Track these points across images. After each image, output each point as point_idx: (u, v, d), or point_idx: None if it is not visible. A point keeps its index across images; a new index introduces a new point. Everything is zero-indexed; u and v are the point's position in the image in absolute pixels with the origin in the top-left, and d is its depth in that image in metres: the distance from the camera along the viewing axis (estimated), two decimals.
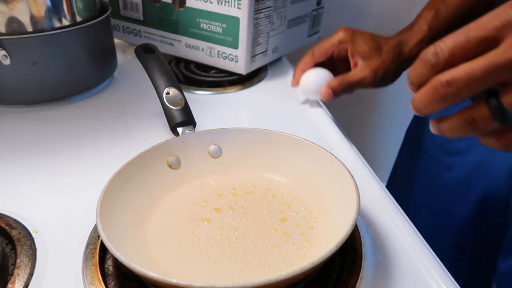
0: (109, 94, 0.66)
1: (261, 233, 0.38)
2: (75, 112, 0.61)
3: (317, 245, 0.37)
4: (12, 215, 0.40)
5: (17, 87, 0.58)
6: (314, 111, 0.62)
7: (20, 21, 0.55)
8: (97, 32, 0.62)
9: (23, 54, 0.55)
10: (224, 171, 0.46)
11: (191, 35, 0.70)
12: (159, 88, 0.51)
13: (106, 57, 0.67)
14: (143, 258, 0.35)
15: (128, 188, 0.39)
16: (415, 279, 0.36)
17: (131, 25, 0.77)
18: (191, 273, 0.34)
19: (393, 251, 0.38)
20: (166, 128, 0.50)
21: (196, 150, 0.46)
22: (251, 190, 0.44)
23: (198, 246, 0.37)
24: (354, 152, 0.53)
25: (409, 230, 0.41)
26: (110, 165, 0.41)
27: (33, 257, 0.36)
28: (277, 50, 0.74)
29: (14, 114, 0.59)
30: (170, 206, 0.41)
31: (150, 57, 0.53)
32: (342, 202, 0.37)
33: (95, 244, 0.37)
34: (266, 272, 0.34)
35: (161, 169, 0.44)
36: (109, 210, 0.35)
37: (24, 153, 0.51)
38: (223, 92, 0.67)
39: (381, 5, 1.15)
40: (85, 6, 0.61)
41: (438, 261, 0.38)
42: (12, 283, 0.34)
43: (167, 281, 0.28)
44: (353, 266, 0.35)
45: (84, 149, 0.52)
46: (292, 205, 0.42)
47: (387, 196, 0.45)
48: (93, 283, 0.33)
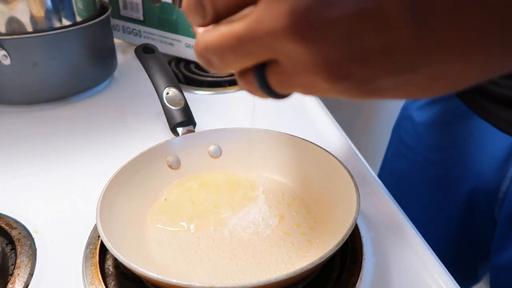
0: (109, 94, 0.66)
1: (261, 233, 0.38)
2: (75, 112, 0.61)
3: (317, 245, 0.37)
4: (12, 215, 0.40)
5: (17, 87, 0.58)
6: (314, 111, 0.62)
7: (20, 21, 0.55)
8: (97, 32, 0.62)
9: (23, 54, 0.55)
10: (224, 171, 0.46)
11: (191, 35, 0.70)
12: (159, 88, 0.51)
13: (106, 57, 0.67)
14: (143, 258, 0.35)
15: (128, 188, 0.39)
16: (415, 279, 0.36)
17: (131, 25, 0.77)
18: (191, 273, 0.34)
19: (393, 251, 0.38)
20: (166, 128, 0.50)
21: (196, 150, 0.46)
22: (251, 190, 0.44)
23: (198, 246, 0.37)
24: (354, 152, 0.53)
25: (409, 230, 0.41)
26: (110, 165, 0.41)
27: (33, 257, 0.36)
28: None
29: (14, 114, 0.59)
30: (170, 206, 0.41)
31: (150, 57, 0.53)
32: (342, 202, 0.37)
33: (95, 244, 0.37)
34: (266, 272, 0.34)
35: (161, 169, 0.44)
36: (109, 210, 0.35)
37: (24, 153, 0.51)
38: (223, 92, 0.67)
39: None
40: (85, 6, 0.61)
41: (438, 261, 0.38)
42: (12, 283, 0.34)
43: (167, 281, 0.28)
44: (353, 266, 0.35)
45: (84, 149, 0.52)
46: (292, 205, 0.42)
47: (387, 196, 0.45)
48: (93, 283, 0.33)
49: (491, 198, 0.57)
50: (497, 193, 0.56)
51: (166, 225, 0.39)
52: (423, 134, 0.63)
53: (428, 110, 0.64)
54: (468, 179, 0.59)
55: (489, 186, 0.57)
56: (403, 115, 0.71)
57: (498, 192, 0.56)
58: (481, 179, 0.57)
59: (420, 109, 0.66)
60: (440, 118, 0.62)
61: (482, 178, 0.57)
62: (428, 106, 0.64)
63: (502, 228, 0.57)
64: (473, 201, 0.60)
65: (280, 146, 0.45)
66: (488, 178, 0.56)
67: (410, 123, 0.67)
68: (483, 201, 0.59)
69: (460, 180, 0.60)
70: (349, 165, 0.40)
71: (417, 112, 0.66)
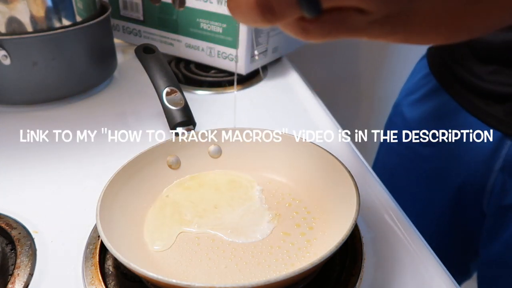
0: (109, 94, 0.66)
1: None
2: (75, 112, 0.61)
3: (317, 245, 0.37)
4: (12, 215, 0.40)
5: (17, 87, 0.58)
6: (314, 111, 0.62)
7: (20, 21, 0.55)
8: (97, 32, 0.62)
9: (23, 54, 0.55)
10: (224, 171, 0.46)
11: (191, 35, 0.70)
12: (159, 88, 0.51)
13: (106, 57, 0.67)
14: (143, 258, 0.35)
15: (128, 188, 0.39)
16: (415, 279, 0.36)
17: (131, 25, 0.77)
18: (191, 273, 0.34)
19: (393, 251, 0.38)
20: (166, 128, 0.50)
21: (196, 150, 0.46)
22: (251, 190, 0.44)
23: (198, 246, 0.37)
24: (354, 152, 0.53)
25: (409, 230, 0.41)
26: (110, 165, 0.41)
27: (33, 257, 0.36)
28: (277, 50, 0.74)
29: (14, 114, 0.59)
30: (170, 206, 0.41)
31: (150, 57, 0.53)
32: (342, 202, 0.37)
33: (95, 244, 0.37)
34: (266, 272, 0.34)
35: (161, 169, 0.44)
36: (109, 210, 0.35)
37: (24, 153, 0.51)
38: (223, 92, 0.67)
39: None
40: (85, 6, 0.61)
41: (438, 261, 0.38)
42: (12, 283, 0.34)
43: (167, 281, 0.28)
44: (353, 266, 0.35)
45: (84, 149, 0.52)
46: (292, 205, 0.42)
47: (387, 196, 0.45)
48: (93, 283, 0.33)
49: (480, 192, 0.58)
50: (486, 186, 0.57)
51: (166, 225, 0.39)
52: (414, 130, 0.64)
53: (419, 106, 0.65)
54: (458, 173, 0.60)
55: (478, 179, 0.58)
56: (395, 111, 0.72)
57: (486, 185, 0.57)
58: (470, 173, 0.58)
59: (411, 106, 0.66)
60: (431, 114, 0.63)
61: (471, 172, 0.58)
62: (419, 102, 0.65)
63: (490, 221, 0.58)
64: (463, 194, 0.61)
65: (280, 146, 0.45)
66: (477, 172, 0.57)
67: (402, 120, 0.68)
68: (472, 194, 0.59)
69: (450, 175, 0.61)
70: (349, 165, 0.40)
71: (409, 108, 0.67)
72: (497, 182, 0.55)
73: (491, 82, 0.52)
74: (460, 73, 0.56)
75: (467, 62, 0.55)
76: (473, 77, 0.54)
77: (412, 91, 0.67)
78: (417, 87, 0.66)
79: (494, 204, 0.57)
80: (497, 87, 0.51)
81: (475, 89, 0.54)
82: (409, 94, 0.68)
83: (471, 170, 0.58)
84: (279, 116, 0.61)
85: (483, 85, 0.53)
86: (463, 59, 0.56)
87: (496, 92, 0.51)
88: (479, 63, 0.53)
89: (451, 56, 0.58)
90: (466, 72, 0.55)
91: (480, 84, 0.53)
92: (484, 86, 0.53)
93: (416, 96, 0.66)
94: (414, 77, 0.68)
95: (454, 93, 0.58)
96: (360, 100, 1.30)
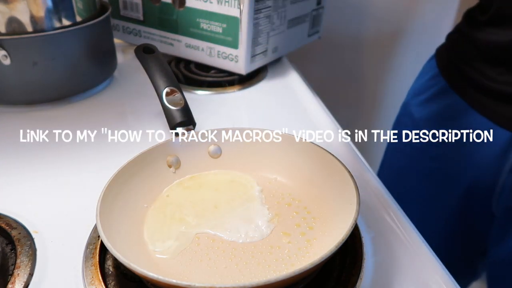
0: (109, 94, 0.66)
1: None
2: (75, 112, 0.61)
3: (317, 245, 0.37)
4: (12, 215, 0.40)
5: (17, 87, 0.58)
6: (314, 111, 0.62)
7: (20, 21, 0.55)
8: (97, 32, 0.62)
9: (23, 54, 0.55)
10: (224, 171, 0.46)
11: (191, 35, 0.70)
12: (159, 88, 0.51)
13: (106, 57, 0.67)
14: (143, 258, 0.35)
15: (128, 188, 0.39)
16: (415, 279, 0.36)
17: (131, 25, 0.77)
18: (191, 273, 0.34)
19: (393, 251, 0.38)
20: (166, 128, 0.50)
21: (196, 150, 0.46)
22: (251, 190, 0.44)
23: (198, 246, 0.37)
24: (354, 151, 0.53)
25: (409, 230, 0.41)
26: (110, 165, 0.41)
27: (33, 257, 0.36)
28: (277, 50, 0.74)
29: (14, 114, 0.59)
30: (170, 206, 0.41)
31: (150, 57, 0.53)
32: (342, 202, 0.37)
33: (95, 244, 0.37)
34: (266, 272, 0.34)
35: (161, 169, 0.44)
36: (109, 210, 0.35)
37: (24, 153, 0.51)
38: (223, 92, 0.67)
39: (381, 5, 1.15)
40: (85, 6, 0.61)
41: (438, 261, 0.38)
42: (12, 283, 0.34)
43: (167, 281, 0.28)
44: (353, 266, 0.35)
45: (84, 149, 0.52)
46: (292, 205, 0.42)
47: (387, 196, 0.45)
48: (93, 283, 0.33)
49: (489, 192, 0.58)
50: (495, 187, 0.57)
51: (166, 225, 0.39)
52: (422, 129, 0.64)
53: (428, 106, 0.65)
54: (467, 174, 0.60)
55: (487, 180, 0.57)
56: (403, 111, 0.72)
57: (496, 186, 0.57)
58: (480, 173, 0.58)
59: (420, 105, 0.66)
60: (440, 114, 0.63)
61: (480, 172, 0.58)
62: (428, 103, 0.65)
63: (499, 222, 0.58)
64: (471, 195, 0.60)
65: (280, 146, 0.45)
66: (486, 172, 0.57)
67: (410, 119, 0.68)
68: (481, 195, 0.59)
69: (459, 175, 0.61)
70: (349, 165, 0.40)
71: (417, 108, 0.67)
72: (506, 183, 0.55)
73: (501, 83, 0.51)
74: (470, 74, 0.56)
75: (476, 63, 0.55)
76: (483, 78, 0.54)
77: (421, 91, 0.67)
78: (426, 88, 0.66)
79: (503, 204, 0.56)
80: (507, 88, 0.51)
81: (484, 89, 0.54)
82: (418, 95, 0.68)
83: (480, 170, 0.58)
84: (279, 116, 0.61)
85: (493, 86, 0.52)
86: (472, 60, 0.56)
87: (506, 93, 0.51)
88: (487, 64, 0.53)
89: (460, 57, 0.58)
90: (476, 73, 0.55)
91: (490, 85, 0.53)
92: (494, 87, 0.52)
93: (425, 97, 0.66)
94: (422, 78, 0.68)
95: (463, 94, 0.57)
96: (360, 100, 1.30)
